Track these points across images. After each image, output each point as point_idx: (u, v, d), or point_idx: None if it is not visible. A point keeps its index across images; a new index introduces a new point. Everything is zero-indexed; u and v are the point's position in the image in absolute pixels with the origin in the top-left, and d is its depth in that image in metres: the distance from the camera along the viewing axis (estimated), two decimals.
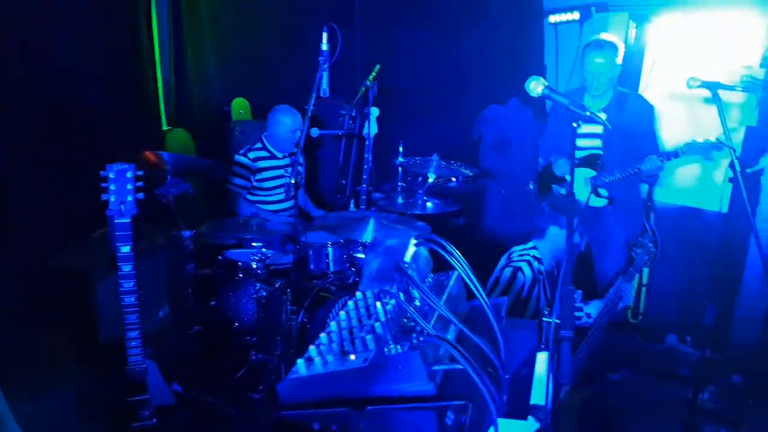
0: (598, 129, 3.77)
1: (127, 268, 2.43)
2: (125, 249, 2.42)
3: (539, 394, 1.74)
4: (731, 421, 3.42)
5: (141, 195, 2.42)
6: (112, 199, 2.36)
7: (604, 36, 3.73)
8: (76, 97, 3.46)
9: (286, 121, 4.15)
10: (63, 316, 2.86)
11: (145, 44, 4.03)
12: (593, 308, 3.07)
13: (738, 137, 3.98)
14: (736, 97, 3.88)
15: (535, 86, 2.02)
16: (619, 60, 3.69)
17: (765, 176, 3.75)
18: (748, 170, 3.70)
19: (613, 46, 3.65)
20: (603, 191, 3.79)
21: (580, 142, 3.81)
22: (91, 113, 3.56)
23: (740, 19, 3.97)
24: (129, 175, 2.39)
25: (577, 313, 3.10)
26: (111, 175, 2.36)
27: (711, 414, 3.50)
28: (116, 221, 2.38)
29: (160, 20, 4.30)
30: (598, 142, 3.82)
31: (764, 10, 3.86)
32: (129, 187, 2.38)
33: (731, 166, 2.80)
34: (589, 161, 3.77)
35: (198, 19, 4.52)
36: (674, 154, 3.53)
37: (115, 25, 3.78)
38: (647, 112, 3.87)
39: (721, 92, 2.78)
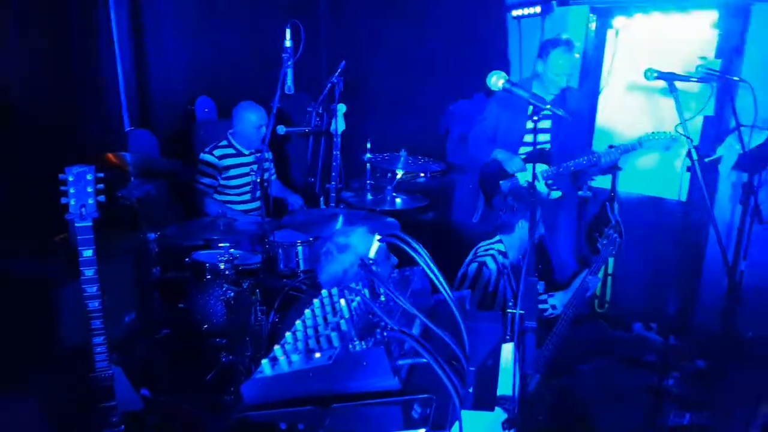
0: (547, 124, 3.84)
1: (89, 272, 2.39)
2: (87, 253, 2.38)
3: (506, 384, 1.76)
4: (696, 404, 3.52)
5: (102, 198, 2.37)
6: (72, 202, 2.32)
7: (565, 36, 3.79)
8: (31, 98, 3.38)
9: (251, 117, 4.10)
10: (25, 323, 2.78)
11: (104, 42, 3.94)
12: (557, 300, 3.12)
13: (696, 126, 4.08)
14: (693, 88, 3.98)
15: (496, 80, 2.04)
16: (577, 56, 3.78)
17: (722, 164, 3.86)
18: (706, 159, 3.80)
19: (575, 46, 3.75)
20: (552, 185, 3.86)
21: (530, 137, 3.86)
22: (49, 114, 3.48)
23: (696, 13, 4.07)
24: (89, 177, 2.34)
25: (541, 306, 3.14)
26: (70, 178, 2.31)
27: (677, 398, 3.59)
28: (77, 225, 2.34)
29: (119, 17, 4.21)
30: (547, 137, 3.89)
31: (718, 2, 3.96)
32: (89, 189, 2.34)
33: (689, 155, 2.86)
34: (541, 155, 3.83)
35: (159, 16, 4.43)
36: (633, 146, 3.61)
37: (72, 22, 3.68)
38: (585, 106, 3.98)
39: (677, 83, 2.84)
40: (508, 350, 1.79)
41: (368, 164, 4.14)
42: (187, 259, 3.55)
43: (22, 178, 3.22)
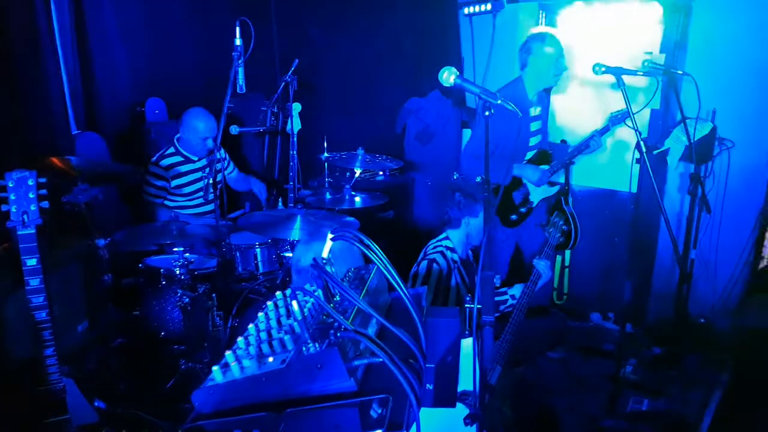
0: (537, 124, 3.89)
1: (35, 282, 2.30)
2: (32, 262, 2.28)
3: (467, 380, 1.76)
4: (653, 390, 3.62)
5: (46, 203, 2.28)
6: (13, 209, 2.23)
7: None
8: None
9: (199, 126, 3.93)
10: None
11: (47, 42, 3.78)
12: (517, 291, 3.16)
13: (644, 119, 4.19)
14: (639, 82, 4.09)
15: (448, 76, 2.04)
16: None
17: (670, 156, 3.97)
18: (654, 152, 3.91)
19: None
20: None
21: (536, 140, 3.92)
22: None
23: (641, 8, 4.18)
24: (31, 182, 2.25)
25: (502, 297, 3.17)
26: (10, 184, 2.22)
27: (635, 385, 3.69)
28: (19, 233, 2.24)
29: (61, 17, 4.05)
30: (539, 138, 3.94)
31: None
32: (31, 195, 2.25)
33: (638, 147, 2.93)
34: (543, 156, 3.88)
35: (103, 16, 4.29)
36: (606, 129, 3.69)
37: (11, 24, 3.53)
38: (548, 100, 4.06)
39: (625, 77, 2.90)
40: (467, 345, 1.79)
41: (326, 163, 4.11)
42: (140, 265, 3.46)
43: None
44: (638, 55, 3.94)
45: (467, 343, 1.79)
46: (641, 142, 2.91)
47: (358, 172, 3.97)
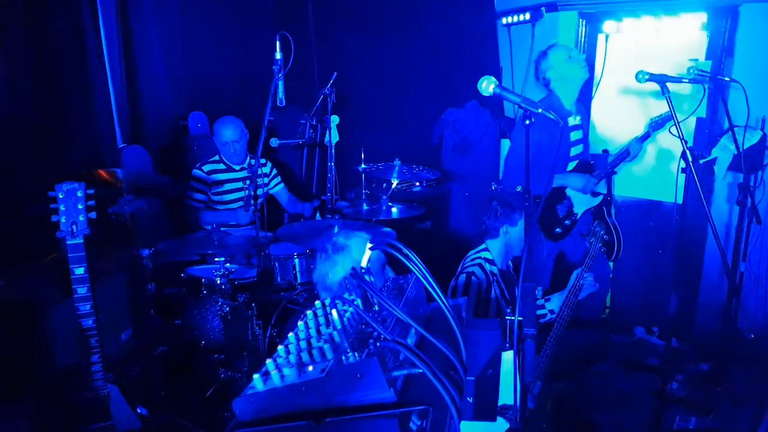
0: (578, 134, 3.84)
1: (82, 290, 2.37)
2: (79, 271, 2.36)
3: (507, 393, 1.73)
4: (700, 408, 3.49)
5: (93, 214, 2.35)
6: (63, 219, 2.30)
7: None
8: (21, 117, 3.36)
9: (225, 133, 4.07)
10: (18, 344, 2.75)
11: (95, 61, 3.93)
12: (554, 303, 3.09)
13: (689, 129, 4.08)
14: (685, 89, 3.98)
15: (487, 85, 2.03)
16: None
17: (717, 165, 3.85)
18: (701, 161, 3.79)
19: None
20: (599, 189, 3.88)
21: (572, 151, 3.86)
22: (40, 134, 3.46)
23: (685, 14, 4.08)
24: (79, 194, 2.33)
25: (539, 311, 3.11)
26: (60, 195, 2.30)
27: (681, 402, 3.57)
28: (68, 242, 2.32)
29: (109, 35, 4.21)
30: (580, 148, 3.88)
31: (707, 3, 3.97)
32: (80, 206, 2.32)
33: (683, 157, 2.85)
34: (584, 166, 3.83)
35: (147, 32, 4.43)
36: (646, 135, 3.62)
37: (61, 41, 3.68)
38: (588, 110, 3.98)
39: (669, 85, 2.83)
40: (507, 358, 1.76)
41: (363, 174, 4.13)
42: (182, 275, 3.53)
43: (13, 198, 3.20)
44: (683, 62, 3.85)
45: (507, 357, 1.76)
46: (687, 151, 2.82)
47: (395, 183, 3.98)
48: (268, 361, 1.23)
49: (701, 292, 4.37)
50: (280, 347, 1.28)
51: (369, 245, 1.38)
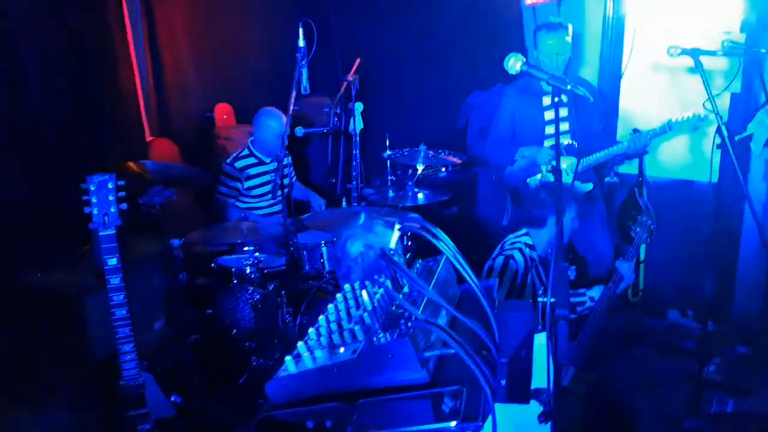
0: (564, 112, 3.76)
1: (115, 281, 2.40)
2: (112, 261, 2.39)
3: (540, 376, 1.70)
4: (739, 390, 3.41)
5: (124, 205, 2.38)
6: (95, 211, 2.34)
7: (553, 19, 3.74)
8: (53, 111, 3.42)
9: (273, 125, 4.07)
10: (53, 334, 2.81)
11: (122, 54, 3.98)
12: (596, 292, 3.04)
13: (723, 105, 3.96)
14: (718, 64, 3.85)
15: (514, 63, 1.98)
16: (569, 39, 3.69)
17: (754, 142, 3.72)
18: (736, 137, 3.68)
19: (563, 26, 3.69)
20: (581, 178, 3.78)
21: (551, 129, 3.77)
22: (71, 127, 3.52)
23: None
24: (110, 185, 2.36)
25: (580, 299, 3.06)
26: (92, 187, 2.33)
27: (718, 386, 3.48)
28: (101, 233, 2.35)
29: (135, 28, 4.25)
30: (566, 126, 3.80)
31: None
32: (111, 198, 2.35)
33: (719, 132, 2.76)
34: (566, 148, 3.75)
35: (172, 24, 4.47)
36: (663, 130, 3.52)
37: (90, 36, 3.73)
38: (596, 93, 3.91)
39: (703, 59, 2.74)
40: (540, 341, 1.73)
41: (388, 161, 4.10)
42: (212, 265, 3.57)
43: (45, 192, 3.27)
44: (716, 36, 3.72)
45: (540, 339, 1.73)
46: (723, 127, 2.74)
47: (420, 168, 3.95)
48: (300, 343, 1.23)
49: (738, 273, 4.25)
50: (311, 330, 1.28)
51: (397, 226, 1.36)
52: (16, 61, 3.23)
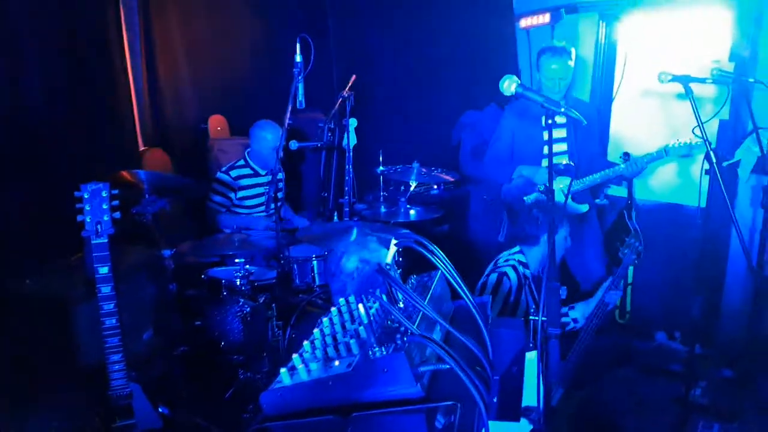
0: (562, 133, 3.80)
1: (106, 289, 2.39)
2: (104, 270, 2.38)
3: (531, 395, 1.71)
4: (725, 415, 3.42)
5: (117, 214, 2.38)
6: (88, 219, 2.33)
7: (556, 43, 3.79)
8: (48, 120, 3.42)
9: (267, 137, 4.08)
10: (43, 342, 2.78)
11: (118, 63, 3.99)
12: (579, 312, 3.06)
13: (712, 131, 4.03)
14: (707, 92, 3.93)
15: (509, 85, 2.02)
16: (572, 63, 3.74)
17: (741, 168, 3.79)
18: (724, 163, 3.74)
19: (567, 51, 3.73)
20: (577, 199, 3.82)
21: (544, 150, 3.81)
22: (64, 135, 3.52)
23: (707, 15, 4.03)
24: (104, 194, 2.35)
25: (563, 319, 3.08)
26: (85, 195, 2.33)
27: (704, 409, 3.49)
28: (93, 242, 2.34)
29: (132, 37, 4.27)
30: (564, 146, 3.85)
31: (730, 5, 3.93)
32: (104, 206, 2.35)
33: (707, 158, 2.82)
34: (564, 170, 3.79)
35: (169, 36, 4.49)
36: (659, 155, 3.57)
37: (87, 45, 3.74)
38: (594, 116, 3.96)
39: (692, 85, 2.80)
40: (531, 359, 1.74)
41: (381, 177, 4.13)
42: (203, 276, 3.55)
43: (38, 200, 3.25)
44: (705, 64, 3.79)
45: (530, 357, 1.75)
46: (711, 153, 2.79)
47: (413, 185, 3.98)
48: (295, 355, 1.23)
49: (725, 296, 4.29)
50: (306, 342, 1.28)
51: (394, 241, 1.38)
52: (13, 69, 3.23)
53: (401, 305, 1.32)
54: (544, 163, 3.79)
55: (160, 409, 2.57)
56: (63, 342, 2.83)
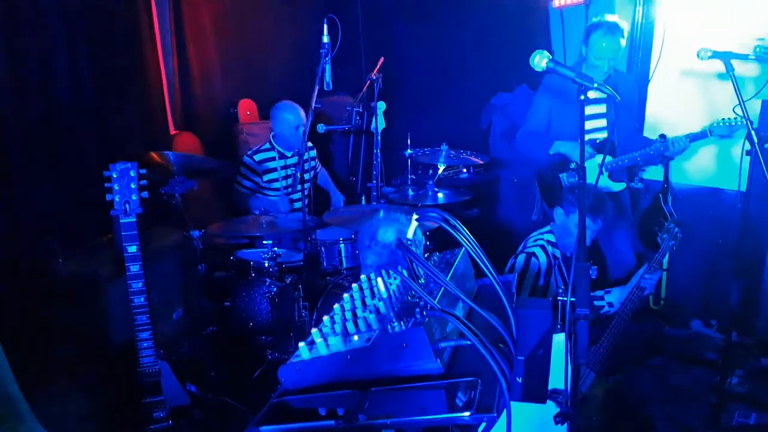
0: (601, 108, 3.68)
1: (135, 268, 2.42)
2: (132, 249, 2.41)
3: (557, 378, 1.67)
4: (762, 404, 3.32)
5: (146, 194, 2.40)
6: (117, 198, 2.36)
7: (609, 18, 3.62)
8: (79, 103, 3.47)
9: (288, 117, 4.08)
10: (74, 320, 2.85)
11: (149, 47, 4.02)
12: (614, 296, 2.98)
13: (754, 111, 3.87)
14: (749, 70, 3.78)
15: (540, 60, 1.96)
16: (624, 42, 3.60)
17: None
18: (766, 145, 3.59)
19: (620, 29, 3.55)
20: (614, 176, 3.70)
21: (589, 124, 3.69)
22: (96, 120, 3.57)
23: None
24: (132, 173, 2.37)
25: (598, 302, 3.01)
26: (114, 175, 2.35)
27: (741, 398, 3.40)
28: (121, 221, 2.37)
29: (162, 21, 4.30)
30: (603, 122, 3.72)
31: None
32: (133, 186, 2.37)
33: (748, 138, 2.70)
34: (600, 146, 3.67)
35: (199, 20, 4.51)
36: (703, 134, 3.42)
37: (118, 30, 3.78)
38: (634, 89, 3.83)
39: (734, 63, 2.68)
40: (559, 341, 1.70)
41: (409, 160, 4.09)
42: (231, 257, 3.58)
43: (71, 183, 3.32)
44: (747, 42, 3.63)
45: (559, 339, 1.70)
46: (753, 132, 2.67)
47: (441, 168, 3.92)
48: (314, 330, 1.22)
49: (764, 283, 4.15)
50: (326, 317, 1.27)
51: (415, 216, 1.35)
52: (44, 53, 3.28)
53: (422, 281, 1.30)
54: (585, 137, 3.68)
55: (188, 387, 2.60)
56: (93, 320, 2.88)
